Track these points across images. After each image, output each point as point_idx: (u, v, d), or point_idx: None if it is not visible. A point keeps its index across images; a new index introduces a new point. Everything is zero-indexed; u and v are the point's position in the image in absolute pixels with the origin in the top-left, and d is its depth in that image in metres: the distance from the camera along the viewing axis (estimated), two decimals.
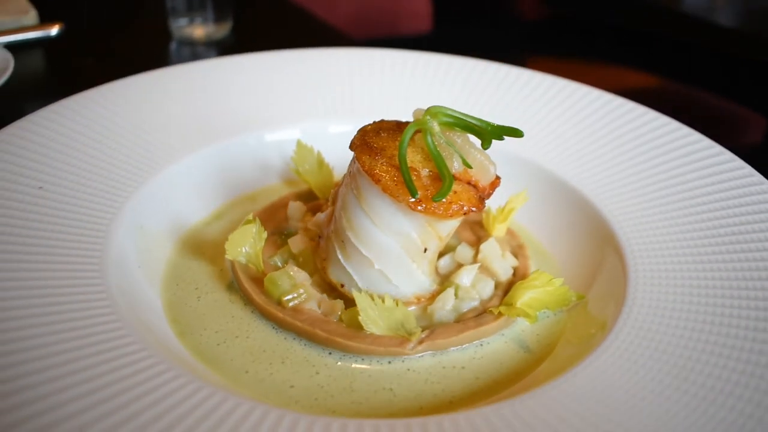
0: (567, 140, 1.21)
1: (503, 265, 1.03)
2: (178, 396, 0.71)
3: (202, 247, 1.08)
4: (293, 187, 1.22)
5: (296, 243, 1.05)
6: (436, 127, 0.91)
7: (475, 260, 1.04)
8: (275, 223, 1.11)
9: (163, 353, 0.80)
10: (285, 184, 1.24)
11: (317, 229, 1.05)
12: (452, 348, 0.93)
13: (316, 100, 1.30)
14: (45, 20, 1.71)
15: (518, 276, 1.03)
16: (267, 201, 1.16)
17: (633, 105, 1.25)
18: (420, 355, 0.91)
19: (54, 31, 1.65)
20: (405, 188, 0.89)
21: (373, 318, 0.91)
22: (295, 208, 1.11)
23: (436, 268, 1.03)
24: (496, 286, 1.02)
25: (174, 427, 0.67)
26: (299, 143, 1.18)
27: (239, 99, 1.28)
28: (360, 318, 0.91)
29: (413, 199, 0.88)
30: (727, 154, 1.11)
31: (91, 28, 1.92)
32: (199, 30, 1.92)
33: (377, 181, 0.89)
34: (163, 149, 1.14)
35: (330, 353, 0.91)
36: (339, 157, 1.17)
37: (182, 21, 1.90)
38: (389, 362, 0.90)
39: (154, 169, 1.10)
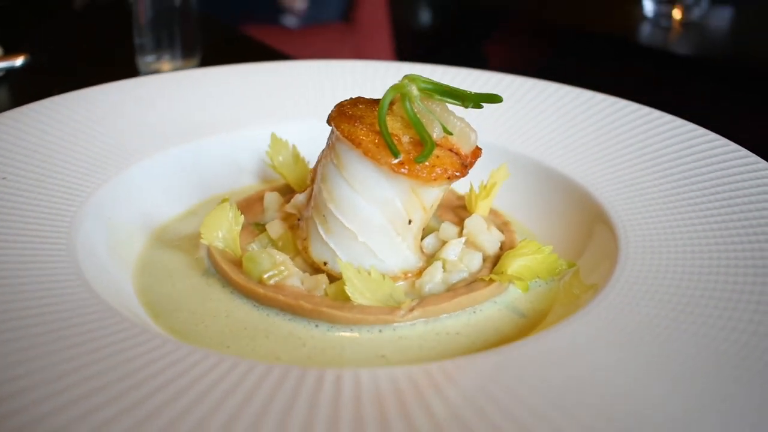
0: (545, 129, 1.22)
1: (489, 238, 1.02)
2: (166, 361, 0.67)
3: (175, 241, 1.05)
4: (269, 186, 1.20)
5: (275, 228, 1.02)
6: (414, 91, 0.91)
7: (460, 236, 1.02)
8: (252, 215, 1.09)
9: (140, 328, 0.76)
10: (261, 184, 1.22)
11: (296, 212, 1.02)
12: (444, 315, 0.90)
13: (287, 103, 1.31)
14: (10, 52, 1.70)
15: (505, 249, 1.02)
16: (242, 198, 1.14)
17: (613, 99, 1.27)
18: (412, 322, 0.88)
19: (19, 62, 1.64)
20: (387, 150, 0.88)
21: (359, 289, 0.88)
22: (272, 198, 1.09)
23: (421, 247, 1.01)
24: (485, 259, 1.00)
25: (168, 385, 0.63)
26: (273, 137, 1.17)
27: (213, 103, 1.27)
28: (346, 288, 0.88)
29: (395, 161, 0.87)
30: (711, 134, 1.13)
31: (57, 61, 1.91)
32: (166, 66, 1.93)
33: (358, 145, 0.88)
34: (134, 147, 1.12)
35: (316, 325, 0.87)
36: (314, 154, 1.16)
37: (150, 57, 1.92)
38: (380, 330, 0.86)
39: (123, 164, 1.08)
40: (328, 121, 0.94)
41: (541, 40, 2.71)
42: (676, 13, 2.64)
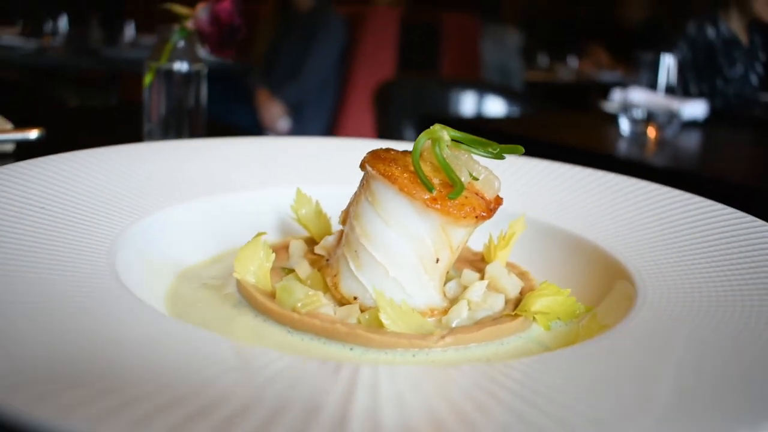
0: (561, 199, 1.31)
1: (511, 282, 1.06)
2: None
3: (203, 280, 1.08)
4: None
5: (303, 268, 1.06)
6: (446, 136, 1.00)
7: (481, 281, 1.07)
8: (278, 261, 1.12)
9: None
10: (284, 238, 1.27)
11: (325, 253, 1.07)
12: (473, 345, 0.93)
13: (309, 170, 1.38)
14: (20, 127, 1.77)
15: (525, 294, 1.06)
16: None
17: (623, 177, 1.37)
18: (444, 349, 0.91)
19: (33, 135, 1.71)
20: (421, 186, 0.95)
21: (393, 317, 0.92)
22: (297, 245, 1.14)
23: (444, 292, 1.05)
24: (506, 302, 1.04)
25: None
26: (298, 191, 1.23)
27: (237, 166, 1.35)
28: (380, 315, 0.91)
29: (429, 196, 0.94)
30: (712, 203, 1.22)
31: (69, 138, 1.99)
32: None
33: (394, 181, 0.95)
34: (165, 195, 1.17)
35: (351, 348, 0.89)
36: (333, 212, 1.22)
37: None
38: (413, 355, 0.89)
39: (154, 209, 1.13)
40: (362, 165, 1.01)
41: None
42: (651, 132, 2.86)
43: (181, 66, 1.97)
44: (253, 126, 5.55)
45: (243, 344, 0.74)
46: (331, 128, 5.70)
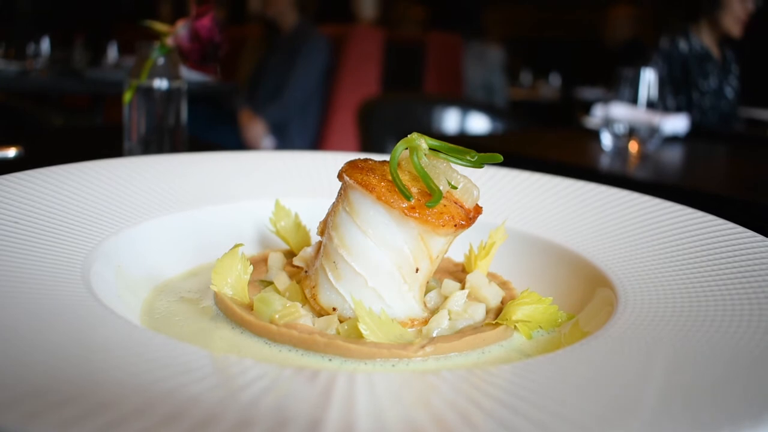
0: (543, 210, 1.31)
1: (492, 291, 1.06)
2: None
3: (179, 293, 1.07)
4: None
5: (281, 280, 1.05)
6: (424, 144, 0.99)
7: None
8: (255, 273, 1.11)
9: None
10: (262, 251, 1.26)
11: (304, 265, 1.06)
12: (454, 354, 0.92)
13: (287, 183, 1.38)
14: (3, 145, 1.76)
15: (506, 303, 1.06)
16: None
17: (603, 187, 1.38)
18: (424, 359, 0.90)
19: (11, 153, 1.70)
20: (399, 195, 0.94)
21: (372, 328, 0.91)
22: (276, 258, 1.12)
23: (425, 302, 1.05)
24: (487, 311, 1.04)
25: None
26: (277, 203, 1.22)
27: (217, 179, 1.34)
28: (360, 325, 0.90)
29: (407, 205, 0.93)
30: (689, 210, 1.22)
31: (48, 156, 1.97)
32: None
33: (371, 190, 0.95)
34: (144, 208, 1.16)
35: (330, 359, 0.88)
36: (312, 225, 1.22)
37: None
38: (393, 365, 0.88)
39: (131, 222, 1.11)
40: (339, 175, 1.01)
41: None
42: (633, 147, 2.88)
43: (161, 83, 1.96)
44: (236, 146, 5.55)
45: (218, 353, 0.73)
46: (315, 146, 5.71)
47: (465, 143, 1.06)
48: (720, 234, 1.11)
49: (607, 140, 3.00)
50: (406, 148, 0.99)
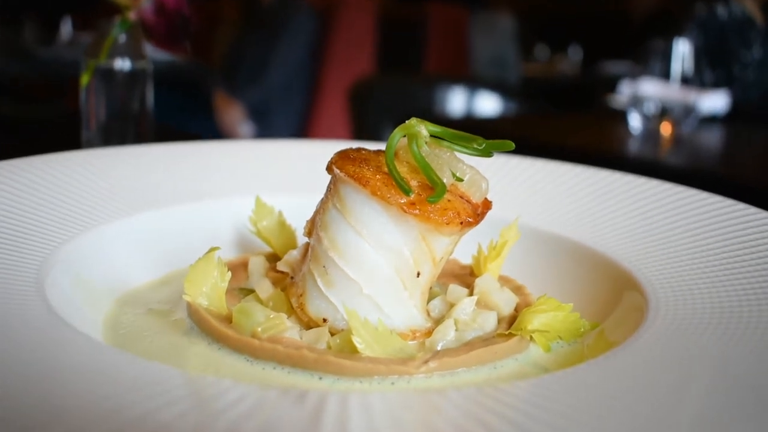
0: (563, 205, 1.31)
1: (504, 297, 1.06)
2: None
3: (148, 305, 1.07)
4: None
5: (264, 288, 1.05)
6: (424, 131, 1.00)
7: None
8: (235, 280, 1.11)
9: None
10: (242, 255, 1.26)
11: (289, 270, 1.06)
12: (462, 370, 0.92)
13: (270, 177, 1.38)
14: None
15: (521, 311, 1.06)
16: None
17: (630, 176, 1.38)
18: (428, 375, 0.90)
19: None
20: (396, 189, 0.94)
21: (368, 340, 0.91)
22: (257, 263, 1.13)
23: (428, 311, 1.05)
24: (499, 320, 1.04)
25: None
26: (258, 200, 1.23)
27: (190, 174, 1.34)
28: (353, 338, 0.90)
29: (406, 200, 0.94)
30: (728, 201, 1.23)
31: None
32: None
33: (365, 185, 0.95)
34: (106, 209, 1.17)
35: (320, 378, 0.88)
36: (298, 225, 1.22)
37: None
38: (392, 383, 0.88)
39: (94, 222, 1.12)
40: (329, 167, 1.01)
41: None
42: (665, 129, 2.89)
43: (123, 63, 1.96)
44: (211, 134, 5.55)
45: (193, 373, 0.73)
46: (301, 134, 5.71)
47: (472, 128, 1.07)
48: (765, 230, 1.12)
49: (635, 122, 3.01)
50: (404, 136, 0.99)
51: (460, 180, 1.00)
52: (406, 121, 1.00)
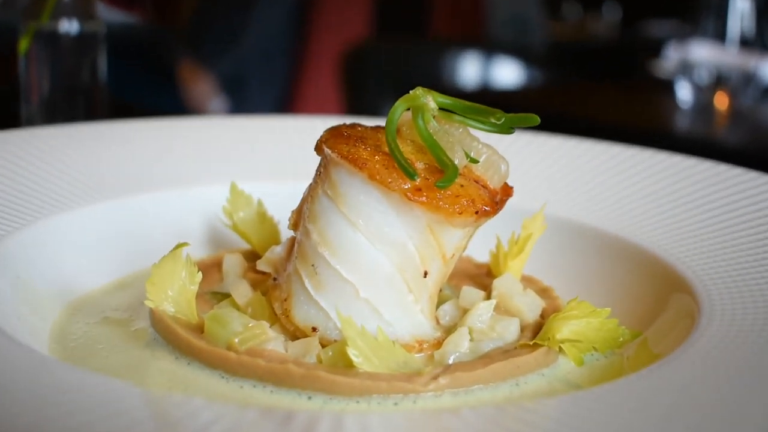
0: (594, 190, 1.32)
1: (527, 301, 1.07)
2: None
3: (103, 313, 1.08)
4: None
5: (241, 292, 1.06)
6: (432, 103, 1.00)
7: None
8: (206, 283, 1.12)
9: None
10: (214, 252, 1.27)
11: (271, 270, 1.07)
12: (478, 387, 0.93)
13: (244, 160, 1.39)
14: None
15: (548, 317, 1.06)
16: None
17: (678, 157, 1.39)
18: (437, 394, 0.90)
19: None
20: (398, 173, 0.95)
21: (365, 352, 0.92)
22: (233, 261, 1.13)
23: (437, 317, 1.06)
24: (523, 328, 1.05)
25: None
26: (233, 187, 1.23)
27: (152, 157, 1.35)
28: (348, 350, 0.91)
29: (410, 186, 0.94)
30: None
31: None
32: None
33: (361, 167, 0.95)
34: (53, 198, 1.17)
35: (309, 397, 0.89)
36: (280, 216, 1.22)
37: None
38: (395, 404, 0.89)
39: (37, 215, 1.12)
40: (318, 147, 1.01)
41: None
42: (720, 101, 2.89)
43: (69, 26, 1.96)
44: (176, 110, 5.54)
45: (157, 391, 0.74)
46: (283, 108, 5.71)
47: (488, 102, 1.07)
48: None
49: (684, 93, 3.01)
50: (408, 109, 0.99)
51: (475, 161, 1.00)
52: (411, 92, 1.00)
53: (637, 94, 3.64)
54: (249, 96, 5.66)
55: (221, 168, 1.37)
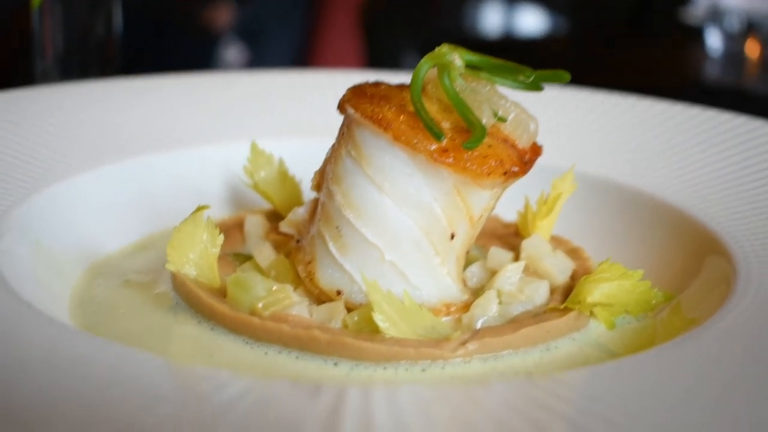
0: (627, 147, 1.29)
1: (556, 263, 1.05)
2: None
3: (125, 275, 1.07)
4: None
5: (264, 253, 1.05)
6: (458, 61, 0.97)
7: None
8: (228, 244, 1.11)
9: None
10: (235, 212, 1.26)
11: (294, 231, 1.05)
12: (508, 352, 0.92)
13: (265, 116, 1.37)
14: None
15: (578, 279, 1.05)
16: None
17: (713, 112, 1.36)
18: (466, 360, 0.90)
19: None
20: (424, 133, 0.92)
21: (392, 317, 0.90)
22: (255, 223, 1.12)
23: (464, 279, 1.04)
24: (552, 290, 1.03)
25: None
26: (254, 147, 1.21)
27: (173, 114, 1.34)
28: (374, 315, 0.90)
29: (436, 146, 0.92)
30: None
31: None
32: None
33: (386, 128, 0.93)
34: (72, 158, 1.16)
35: (336, 363, 0.88)
36: (303, 175, 1.21)
37: None
38: (423, 370, 0.88)
39: (55, 176, 1.12)
40: (341, 106, 0.99)
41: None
42: (752, 49, 2.83)
43: None
44: (194, 64, 5.51)
45: (179, 362, 0.73)
46: (302, 59, 5.67)
47: (512, 49, 1.04)
48: None
49: (714, 41, 2.95)
50: (434, 66, 0.97)
51: (503, 120, 0.98)
52: (436, 49, 0.97)
53: (665, 42, 3.58)
54: (266, 46, 5.62)
55: (240, 124, 1.36)
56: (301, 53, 4.60)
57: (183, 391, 0.66)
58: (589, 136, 1.33)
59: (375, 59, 3.77)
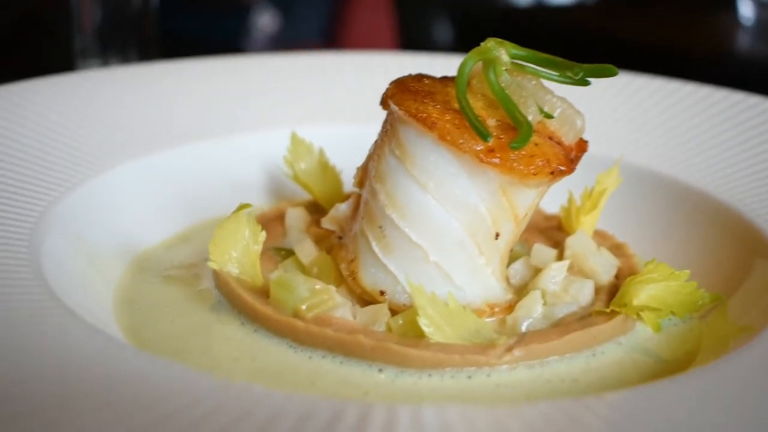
0: (673, 136, 1.26)
1: (602, 261, 1.02)
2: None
3: (166, 270, 1.06)
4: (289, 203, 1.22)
5: (306, 250, 1.03)
6: (504, 56, 0.94)
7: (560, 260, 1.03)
8: (269, 238, 1.08)
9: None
10: (275, 203, 1.24)
11: (336, 228, 1.03)
12: (554, 358, 0.89)
13: (306, 102, 1.35)
14: None
15: (623, 278, 1.02)
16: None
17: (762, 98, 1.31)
18: (512, 366, 0.87)
19: None
20: (470, 133, 0.89)
21: (436, 321, 0.88)
22: (296, 215, 1.10)
23: (507, 277, 1.02)
24: (597, 290, 1.01)
25: None
26: (294, 137, 1.19)
27: (211, 101, 1.32)
28: (419, 320, 0.87)
29: (482, 147, 0.89)
30: None
31: None
32: None
33: (431, 127, 0.90)
34: (110, 150, 1.15)
35: (380, 370, 0.86)
36: (345, 164, 1.18)
37: (94, 63, 1.96)
38: (469, 377, 0.86)
39: (96, 169, 1.10)
40: (384, 101, 0.97)
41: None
42: None
43: None
44: (232, 45, 5.47)
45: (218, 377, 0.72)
46: (332, 30, 5.61)
47: (543, 17, 1.00)
48: None
49: (746, 9, 2.88)
50: (480, 62, 0.94)
51: (550, 116, 0.95)
52: (482, 43, 0.94)
53: (695, 9, 3.49)
54: (298, 15, 5.57)
55: (276, 111, 1.33)
56: (331, 25, 4.54)
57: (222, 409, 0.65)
58: (636, 125, 1.29)
59: (405, 31, 3.71)
